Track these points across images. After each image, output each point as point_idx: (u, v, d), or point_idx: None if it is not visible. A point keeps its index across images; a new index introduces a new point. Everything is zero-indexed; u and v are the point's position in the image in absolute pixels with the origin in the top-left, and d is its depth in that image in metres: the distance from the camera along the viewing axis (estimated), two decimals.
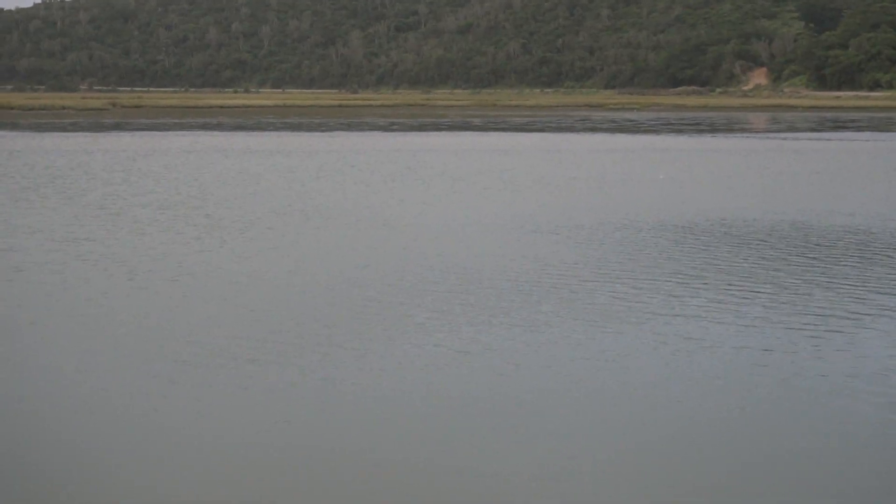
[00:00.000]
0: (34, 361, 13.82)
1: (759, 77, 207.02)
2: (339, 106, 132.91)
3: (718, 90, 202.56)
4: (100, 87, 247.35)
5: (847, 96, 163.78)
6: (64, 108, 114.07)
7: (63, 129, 77.57)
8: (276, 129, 79.71)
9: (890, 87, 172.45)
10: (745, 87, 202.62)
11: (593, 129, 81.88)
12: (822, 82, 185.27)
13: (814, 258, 21.76)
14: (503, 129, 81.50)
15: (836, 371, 13.30)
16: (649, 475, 10.01)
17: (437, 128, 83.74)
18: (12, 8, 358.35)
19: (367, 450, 10.64)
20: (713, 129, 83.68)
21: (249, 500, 9.56)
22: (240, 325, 15.56)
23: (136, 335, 14.97)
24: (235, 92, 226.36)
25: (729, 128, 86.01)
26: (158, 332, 15.14)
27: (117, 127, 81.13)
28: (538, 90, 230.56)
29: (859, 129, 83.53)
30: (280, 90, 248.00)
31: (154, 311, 16.43)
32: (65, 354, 14.07)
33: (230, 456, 10.50)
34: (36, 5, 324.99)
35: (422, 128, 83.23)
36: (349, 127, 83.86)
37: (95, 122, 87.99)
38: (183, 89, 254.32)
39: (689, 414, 11.70)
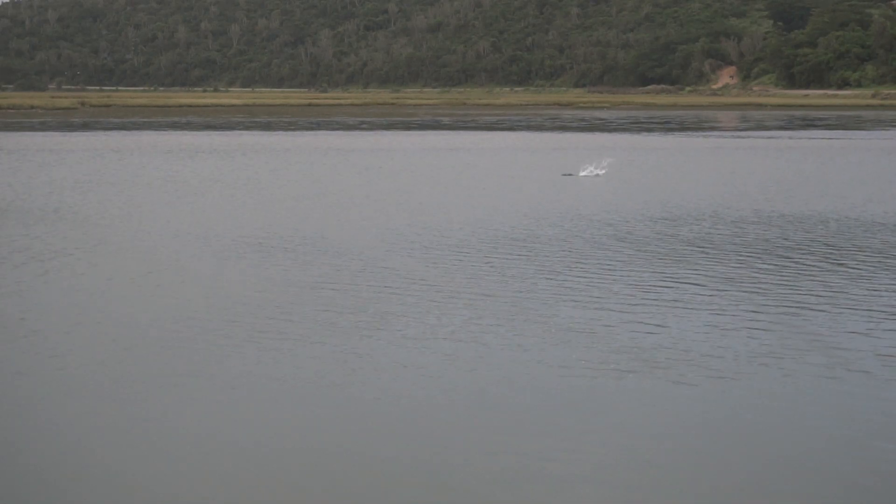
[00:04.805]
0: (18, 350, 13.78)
1: (729, 75, 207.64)
2: (310, 105, 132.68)
3: (688, 88, 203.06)
4: (68, 87, 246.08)
5: (815, 94, 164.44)
6: (33, 107, 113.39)
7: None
8: (247, 127, 79.44)
9: (858, 85, 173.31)
10: (715, 86, 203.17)
11: (563, 128, 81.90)
12: (791, 80, 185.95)
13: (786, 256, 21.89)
14: (473, 128, 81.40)
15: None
16: (647, 477, 10.00)
17: (408, 126, 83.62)
18: None
19: (372, 450, 10.60)
20: (683, 127, 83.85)
21: (250, 499, 9.50)
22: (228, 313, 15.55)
23: (133, 333, 14.92)
24: (205, 91, 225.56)
25: (698, 126, 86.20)
26: (161, 330, 15.07)
27: (86, 126, 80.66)
28: (508, 88, 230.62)
29: (828, 127, 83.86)
30: (249, 89, 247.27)
31: (157, 306, 16.37)
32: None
33: (230, 456, 10.45)
34: (4, 4, 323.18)
35: (391, 126, 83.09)
36: (319, 126, 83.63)
37: (64, 122, 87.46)
38: (152, 88, 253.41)
39: (684, 415, 11.74)
